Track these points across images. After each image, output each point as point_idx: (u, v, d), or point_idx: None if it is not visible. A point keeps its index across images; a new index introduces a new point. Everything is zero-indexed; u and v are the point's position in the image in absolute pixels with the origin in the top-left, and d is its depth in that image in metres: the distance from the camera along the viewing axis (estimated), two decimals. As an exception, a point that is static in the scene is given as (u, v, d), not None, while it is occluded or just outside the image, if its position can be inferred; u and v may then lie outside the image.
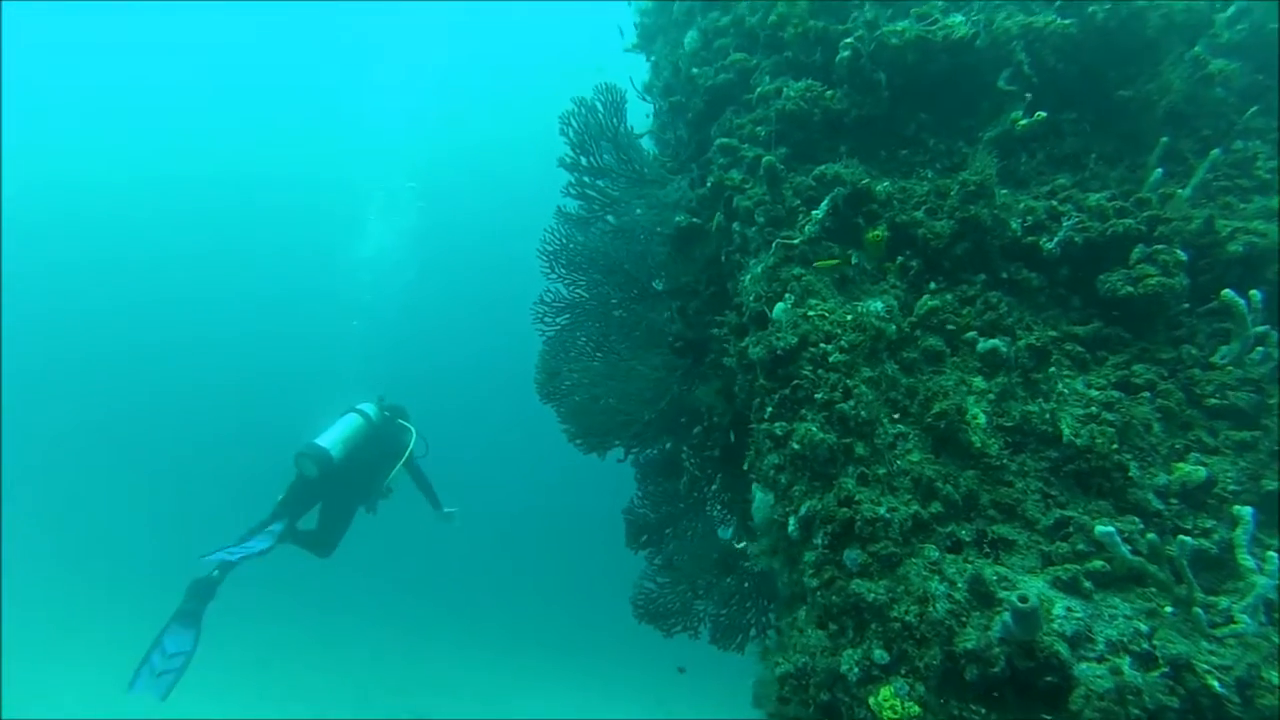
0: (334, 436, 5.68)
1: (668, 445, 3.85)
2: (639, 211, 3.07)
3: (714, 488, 4.11)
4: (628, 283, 3.22)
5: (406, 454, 6.19)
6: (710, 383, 3.33)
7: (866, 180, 2.58)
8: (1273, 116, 2.91)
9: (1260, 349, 2.29)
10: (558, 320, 3.41)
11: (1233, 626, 1.75)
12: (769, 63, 3.05)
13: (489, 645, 12.70)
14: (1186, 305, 2.42)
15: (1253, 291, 2.29)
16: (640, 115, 4.18)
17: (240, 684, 9.87)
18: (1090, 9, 2.69)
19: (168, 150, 30.90)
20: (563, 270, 3.28)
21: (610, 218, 3.18)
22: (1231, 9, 2.97)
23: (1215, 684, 1.60)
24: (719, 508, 4.13)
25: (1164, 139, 2.70)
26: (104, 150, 31.03)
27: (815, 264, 2.45)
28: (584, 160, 3.17)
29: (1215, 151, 2.68)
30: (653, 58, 3.95)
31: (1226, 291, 2.27)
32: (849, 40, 2.72)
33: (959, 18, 2.77)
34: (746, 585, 3.38)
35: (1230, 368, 2.33)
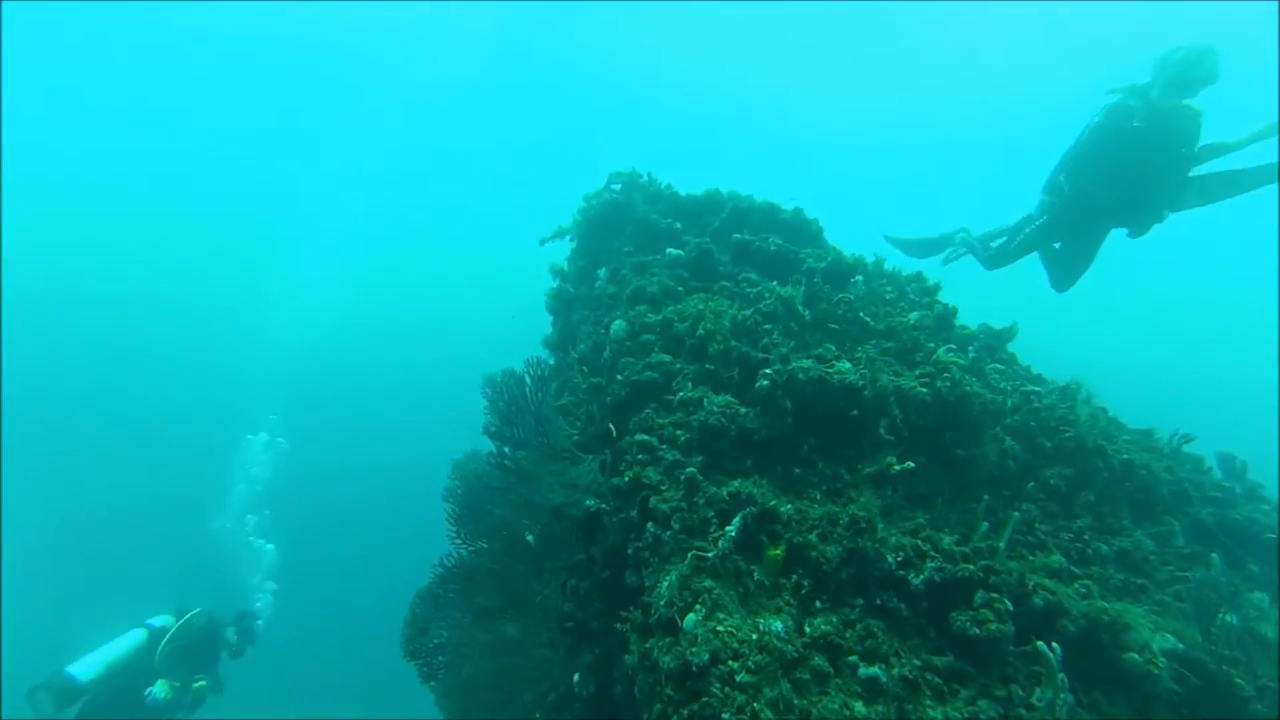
0: (93, 659, 5.53)
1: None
2: (549, 488, 3.25)
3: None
4: (527, 556, 3.31)
5: (223, 653, 6.69)
6: (582, 657, 3.40)
7: (774, 502, 3.01)
8: (1039, 488, 3.88)
9: (1063, 695, 2.91)
10: (450, 586, 3.37)
11: None
12: (691, 369, 3.58)
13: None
14: (1012, 647, 3.03)
15: (1054, 644, 2.96)
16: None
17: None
18: (938, 384, 3.54)
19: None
20: (467, 535, 3.31)
21: (523, 490, 3.33)
22: (1010, 402, 4.06)
23: None
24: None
25: (986, 496, 3.51)
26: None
27: (767, 553, 2.79)
28: (507, 431, 3.36)
29: (1015, 514, 3.53)
30: (562, 321, 4.35)
31: (1040, 643, 2.93)
32: (768, 371, 3.33)
33: (848, 365, 3.50)
34: None
35: (1044, 712, 2.90)
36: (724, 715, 2.54)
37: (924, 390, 3.55)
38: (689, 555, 2.87)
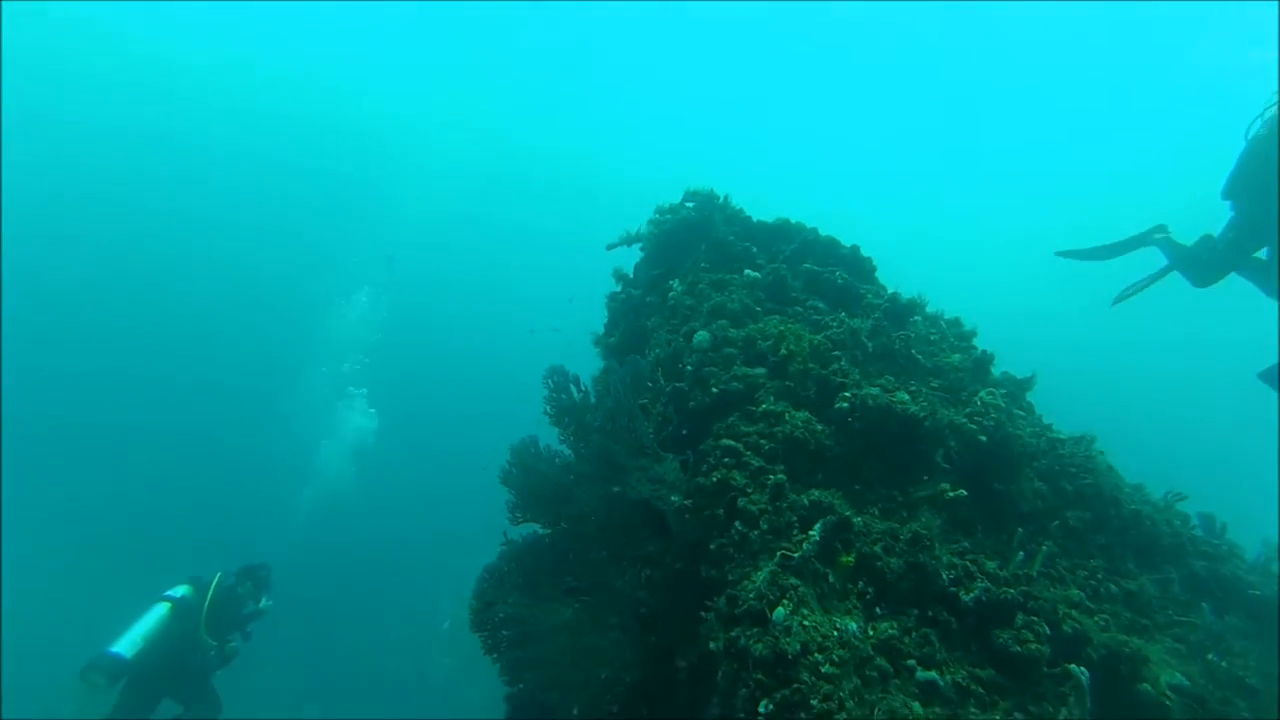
0: (131, 636, 6.39)
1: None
2: (638, 481, 3.50)
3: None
4: (607, 542, 3.53)
5: (250, 617, 7.50)
6: (648, 640, 3.61)
7: (849, 513, 3.33)
8: (1061, 527, 4.31)
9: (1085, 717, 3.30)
10: (515, 565, 3.57)
11: None
12: (773, 385, 3.87)
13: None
14: (1046, 668, 3.40)
15: (1081, 669, 3.34)
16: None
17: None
18: (985, 422, 3.94)
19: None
20: (541, 519, 3.53)
21: (615, 482, 3.56)
22: (1042, 443, 4.50)
23: None
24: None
25: (1020, 530, 3.89)
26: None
27: (840, 559, 3.08)
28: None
29: (1044, 548, 3.93)
30: (624, 326, 4.60)
31: (1073, 666, 3.30)
32: (847, 395, 3.65)
33: (906, 396, 3.86)
34: None
35: (1074, 730, 3.27)
36: (812, 701, 2.82)
37: (974, 427, 3.94)
38: (777, 554, 3.15)
